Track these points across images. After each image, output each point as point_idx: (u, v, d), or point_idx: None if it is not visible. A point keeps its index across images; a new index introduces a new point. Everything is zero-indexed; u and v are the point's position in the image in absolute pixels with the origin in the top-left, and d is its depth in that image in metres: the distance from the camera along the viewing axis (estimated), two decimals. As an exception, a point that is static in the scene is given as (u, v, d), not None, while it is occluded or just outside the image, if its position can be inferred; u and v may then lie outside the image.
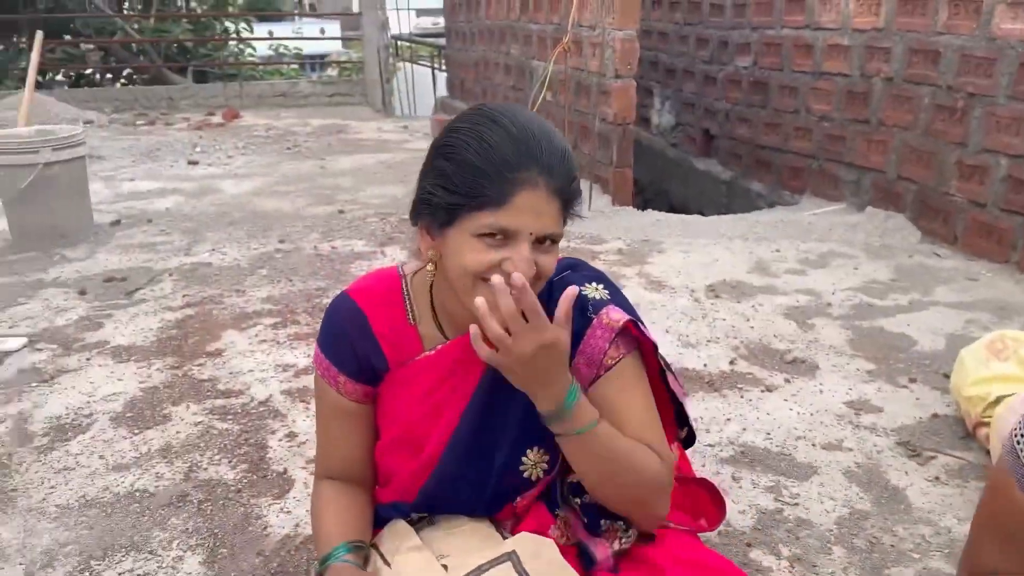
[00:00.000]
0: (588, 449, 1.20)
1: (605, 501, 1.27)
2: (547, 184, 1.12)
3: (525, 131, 1.12)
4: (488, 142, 1.11)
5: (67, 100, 9.17)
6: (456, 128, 1.16)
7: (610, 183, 5.24)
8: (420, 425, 1.31)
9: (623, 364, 1.27)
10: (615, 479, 1.22)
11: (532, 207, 1.11)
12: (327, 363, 1.34)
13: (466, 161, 1.11)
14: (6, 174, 4.39)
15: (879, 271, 3.99)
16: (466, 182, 1.11)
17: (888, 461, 2.38)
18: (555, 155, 1.13)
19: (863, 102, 4.85)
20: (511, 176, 1.10)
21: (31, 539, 2.08)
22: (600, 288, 1.32)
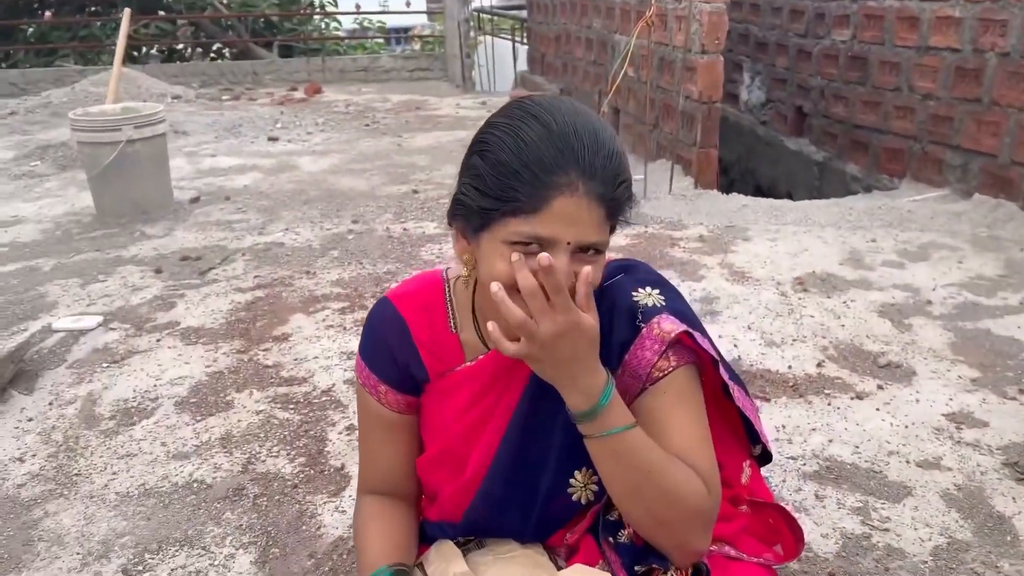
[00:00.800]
0: (617, 456, 1.06)
1: (632, 521, 1.13)
2: (588, 189, 1.00)
3: (566, 128, 1.00)
4: (524, 140, 1.00)
5: (156, 75, 9.40)
6: (494, 123, 1.05)
7: (693, 164, 5.00)
8: (461, 441, 1.22)
9: (672, 377, 1.14)
10: (643, 495, 1.07)
11: (570, 215, 0.99)
12: (367, 372, 1.25)
13: (499, 160, 1.01)
14: (91, 151, 4.47)
15: (986, 266, 3.67)
16: (499, 184, 1.00)
17: (993, 484, 2.15)
18: (599, 155, 1.01)
19: (974, 79, 4.47)
20: (547, 179, 0.99)
21: (90, 527, 2.07)
22: (654, 294, 1.18)
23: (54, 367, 2.91)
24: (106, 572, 1.91)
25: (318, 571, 1.89)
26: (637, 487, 1.07)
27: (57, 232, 4.49)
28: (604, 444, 1.06)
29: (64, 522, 2.10)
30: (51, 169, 5.96)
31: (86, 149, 4.50)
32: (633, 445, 1.06)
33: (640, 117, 5.80)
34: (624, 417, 1.06)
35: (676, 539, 1.10)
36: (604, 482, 1.11)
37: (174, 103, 8.34)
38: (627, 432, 1.05)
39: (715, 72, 4.78)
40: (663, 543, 1.12)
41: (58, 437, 2.48)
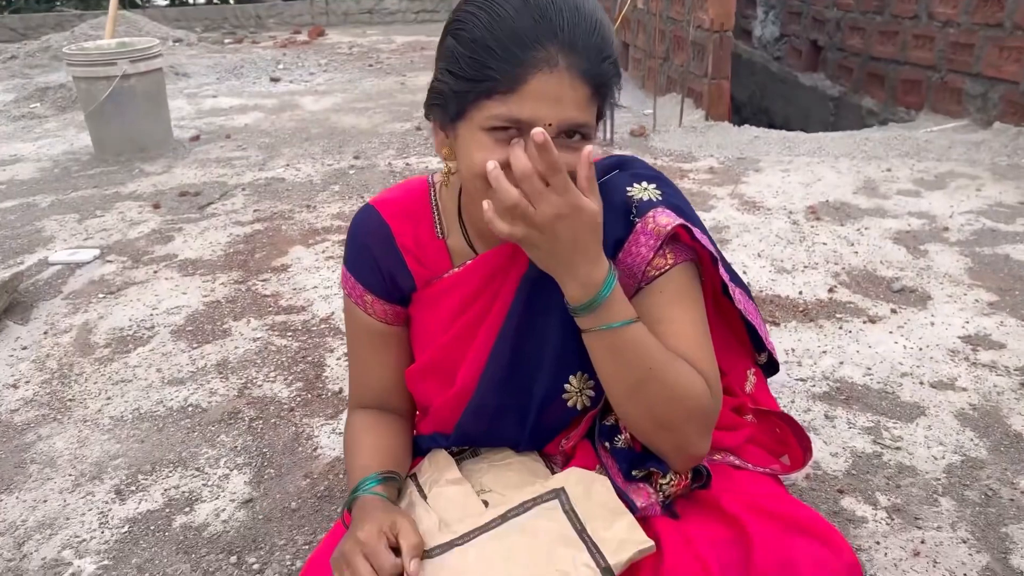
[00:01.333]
0: (616, 352, 0.99)
1: (630, 423, 1.06)
2: (569, 63, 0.91)
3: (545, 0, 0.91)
4: (498, 13, 0.91)
5: (158, 19, 9.24)
6: (468, 1, 0.96)
7: (704, 96, 4.86)
8: (451, 349, 1.14)
9: (670, 275, 1.06)
10: (644, 394, 1.00)
11: (549, 92, 0.90)
12: (353, 281, 1.18)
13: (473, 38, 0.92)
14: (86, 86, 4.38)
15: (1006, 193, 3.56)
16: (472, 63, 0.92)
17: (1010, 404, 2.08)
18: (580, 27, 0.91)
19: (996, 4, 4.29)
20: (522, 55, 0.90)
21: (82, 450, 2.04)
22: (650, 188, 1.09)
23: (50, 298, 2.87)
24: (98, 492, 1.87)
25: (313, 490, 1.85)
26: (637, 385, 1.00)
27: (55, 170, 4.42)
28: (603, 339, 0.98)
29: (57, 445, 2.06)
30: (50, 111, 5.88)
31: (82, 85, 4.41)
32: (634, 341, 0.98)
33: (650, 51, 5.64)
34: (625, 311, 0.98)
35: (676, 441, 1.03)
36: (602, 380, 1.04)
37: (176, 46, 8.20)
38: (628, 327, 0.98)
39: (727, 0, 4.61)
40: (662, 446, 1.05)
41: (52, 364, 2.44)
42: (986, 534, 1.65)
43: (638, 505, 1.08)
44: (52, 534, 1.74)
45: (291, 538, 1.71)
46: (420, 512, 1.11)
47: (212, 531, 1.74)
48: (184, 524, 1.76)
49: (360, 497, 1.11)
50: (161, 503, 1.83)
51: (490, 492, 1.15)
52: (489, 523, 1.05)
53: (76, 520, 1.78)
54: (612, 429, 1.16)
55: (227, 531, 1.73)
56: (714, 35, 4.67)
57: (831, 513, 1.71)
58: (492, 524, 1.05)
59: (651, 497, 1.08)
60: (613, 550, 0.99)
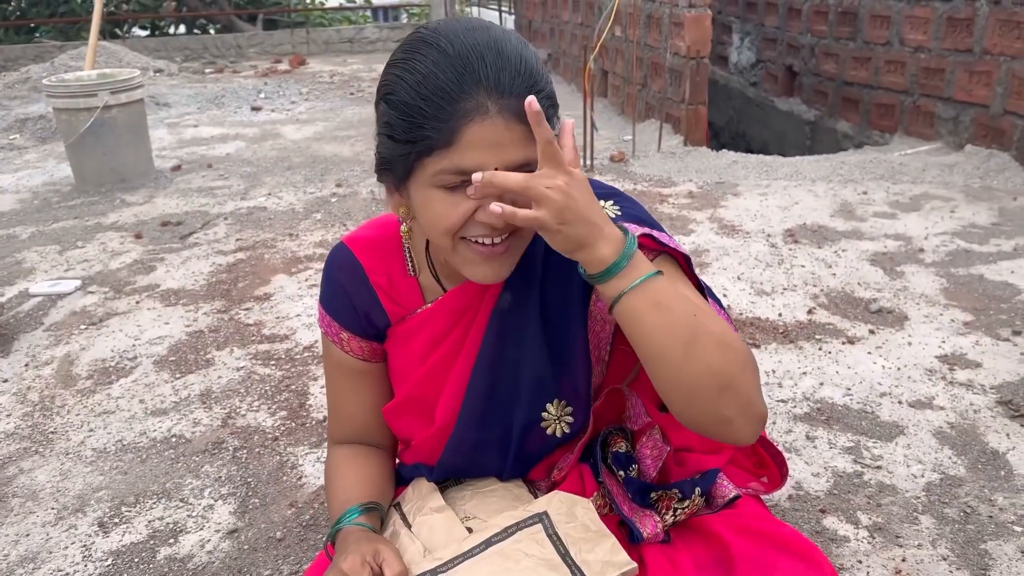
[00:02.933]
0: (661, 305, 0.92)
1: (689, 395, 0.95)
2: (500, 107, 0.90)
3: (463, 48, 0.91)
4: (420, 72, 0.91)
5: (138, 49, 9.25)
6: (392, 62, 0.96)
7: (682, 122, 4.93)
8: (426, 384, 1.15)
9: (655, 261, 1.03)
10: (699, 344, 0.92)
11: (487, 139, 0.90)
12: (329, 319, 1.19)
13: (402, 100, 0.92)
14: (67, 118, 4.38)
15: (979, 215, 3.63)
16: (407, 126, 0.92)
17: (987, 422, 2.12)
18: (506, 69, 0.91)
19: (966, 29, 4.40)
20: (452, 108, 0.89)
21: (65, 483, 2.02)
22: (608, 205, 1.09)
23: (31, 330, 2.85)
24: (81, 525, 1.86)
25: (299, 519, 1.85)
26: (692, 337, 0.92)
27: (35, 202, 4.40)
28: (646, 295, 0.92)
29: (39, 478, 2.04)
30: (30, 142, 5.86)
31: (62, 116, 4.41)
32: (672, 289, 0.94)
33: (628, 77, 5.72)
34: (649, 264, 0.94)
35: (742, 399, 0.94)
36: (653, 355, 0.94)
37: (156, 76, 8.22)
38: (660, 276, 0.93)
39: (703, 26, 4.70)
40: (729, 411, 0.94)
41: (34, 397, 2.43)
42: (966, 551, 1.67)
43: (644, 534, 1.08)
44: (35, 568, 1.73)
45: (277, 568, 1.70)
46: (404, 541, 1.11)
47: (197, 562, 1.73)
48: (169, 556, 1.75)
49: (343, 528, 1.11)
50: (145, 535, 1.82)
51: (474, 519, 1.15)
52: (472, 549, 1.05)
53: (59, 554, 1.77)
54: (627, 458, 1.17)
55: (212, 562, 1.73)
56: (691, 61, 4.75)
57: (813, 532, 1.73)
58: (475, 550, 1.05)
59: (657, 526, 1.09)
60: (596, 572, 1.00)
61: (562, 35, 7.43)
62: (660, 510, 1.13)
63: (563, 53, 7.45)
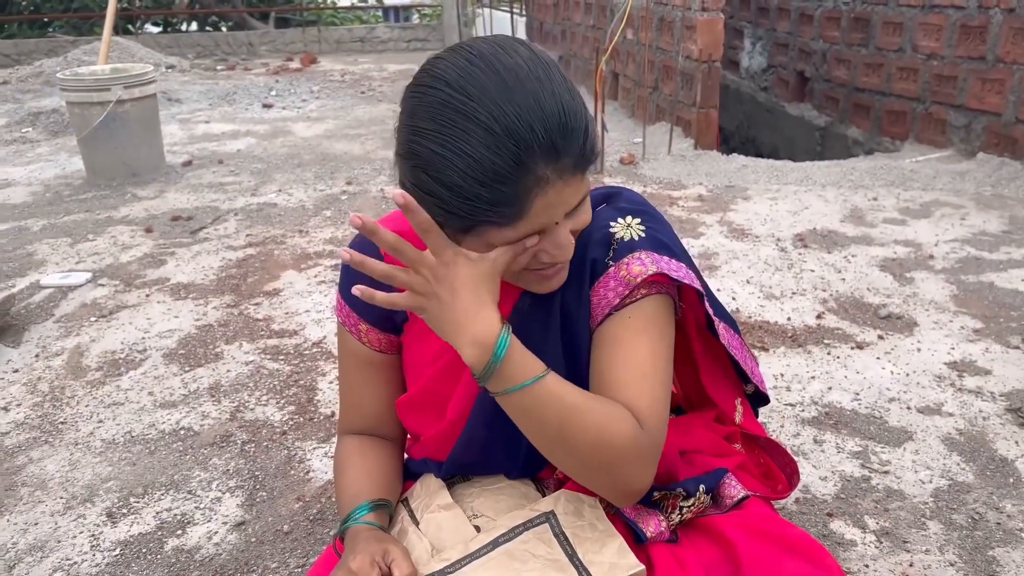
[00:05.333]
0: (526, 411, 0.96)
1: (563, 470, 1.04)
2: (558, 170, 0.89)
3: (509, 119, 0.85)
4: (470, 155, 0.86)
5: (151, 45, 9.29)
6: (420, 131, 0.89)
7: (693, 125, 4.93)
8: (440, 381, 1.15)
9: (642, 303, 1.06)
10: (565, 445, 0.98)
11: (551, 203, 0.90)
12: (348, 309, 1.19)
13: (453, 183, 0.87)
14: (80, 111, 4.40)
15: (990, 222, 3.62)
16: (465, 206, 0.88)
17: (995, 429, 2.11)
18: (554, 130, 0.87)
19: (979, 37, 4.39)
20: (512, 189, 0.87)
21: (74, 473, 2.03)
22: (634, 224, 1.09)
23: (41, 321, 2.87)
24: (90, 515, 1.87)
25: (306, 513, 1.85)
26: (557, 438, 0.98)
27: (47, 194, 4.43)
28: (512, 401, 0.95)
29: (48, 468, 2.06)
30: (42, 135, 5.89)
31: (75, 110, 4.43)
32: (546, 396, 0.95)
33: (639, 80, 5.72)
34: (530, 367, 0.95)
35: (612, 482, 1.01)
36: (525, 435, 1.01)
37: (168, 72, 8.25)
38: (536, 384, 0.95)
39: (715, 30, 4.69)
40: (600, 488, 1.03)
41: (44, 387, 2.44)
42: (973, 557, 1.67)
43: (648, 534, 1.08)
44: (43, 557, 1.74)
45: (283, 561, 1.71)
46: (412, 538, 1.11)
47: (204, 554, 1.73)
48: (176, 547, 1.76)
49: (352, 527, 1.11)
50: (153, 526, 1.83)
51: (482, 517, 1.15)
52: (480, 549, 1.05)
53: (67, 543, 1.78)
54: None
55: (219, 554, 1.73)
56: (702, 65, 4.75)
57: (820, 536, 1.73)
58: (483, 550, 1.05)
59: (661, 524, 1.09)
60: (603, 574, 1.00)
61: (573, 37, 7.44)
62: (666, 509, 1.13)
63: (574, 55, 7.45)
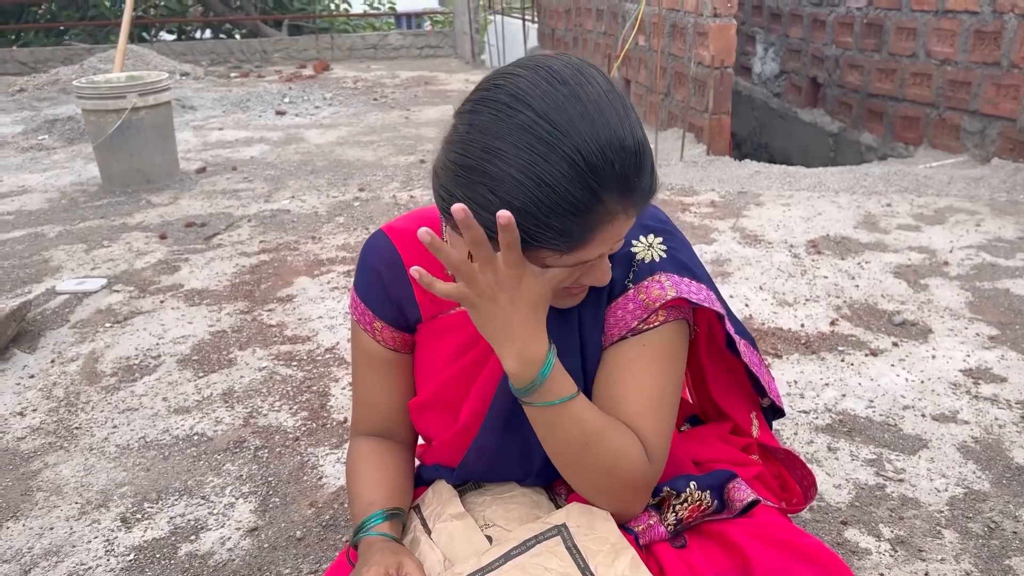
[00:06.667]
0: (552, 425, 1.00)
1: (568, 481, 1.07)
2: (626, 206, 0.90)
3: (591, 152, 0.85)
4: (549, 184, 0.84)
5: (165, 53, 9.36)
6: (495, 150, 0.86)
7: (705, 131, 4.92)
8: (453, 386, 1.15)
9: (660, 330, 1.06)
10: (578, 464, 1.02)
11: (613, 236, 0.92)
12: (363, 307, 1.18)
13: (525, 208, 0.86)
14: (96, 119, 4.44)
15: (1005, 228, 3.59)
16: (530, 231, 0.88)
17: (1012, 437, 2.09)
18: (630, 166, 0.87)
19: (993, 42, 4.36)
20: (583, 220, 0.87)
21: (88, 478, 2.04)
22: (656, 243, 1.09)
23: (57, 327, 2.89)
24: (104, 520, 1.88)
25: (319, 519, 1.86)
26: (574, 457, 1.01)
27: (63, 201, 4.46)
28: (539, 413, 0.99)
29: (63, 473, 2.07)
30: (58, 142, 5.94)
31: (91, 117, 4.47)
32: (571, 416, 0.99)
33: (651, 86, 5.72)
34: (566, 387, 0.98)
35: (611, 504, 1.06)
36: (544, 447, 1.04)
37: (183, 80, 8.31)
38: (566, 404, 0.98)
39: (728, 36, 4.69)
40: (600, 505, 1.07)
41: (59, 393, 2.46)
42: (990, 567, 1.65)
43: (635, 529, 1.09)
44: (58, 561, 1.75)
45: (296, 567, 1.71)
46: (424, 548, 1.11)
47: (217, 560, 1.74)
48: (190, 552, 1.76)
49: (367, 538, 1.11)
50: (167, 531, 1.83)
51: (494, 527, 1.15)
52: (492, 563, 1.04)
53: (82, 548, 1.79)
54: None
55: (232, 559, 1.74)
56: (715, 71, 4.74)
57: (834, 544, 1.72)
58: (495, 564, 1.04)
59: (650, 519, 1.10)
60: None
61: (585, 44, 7.45)
62: (663, 510, 1.13)
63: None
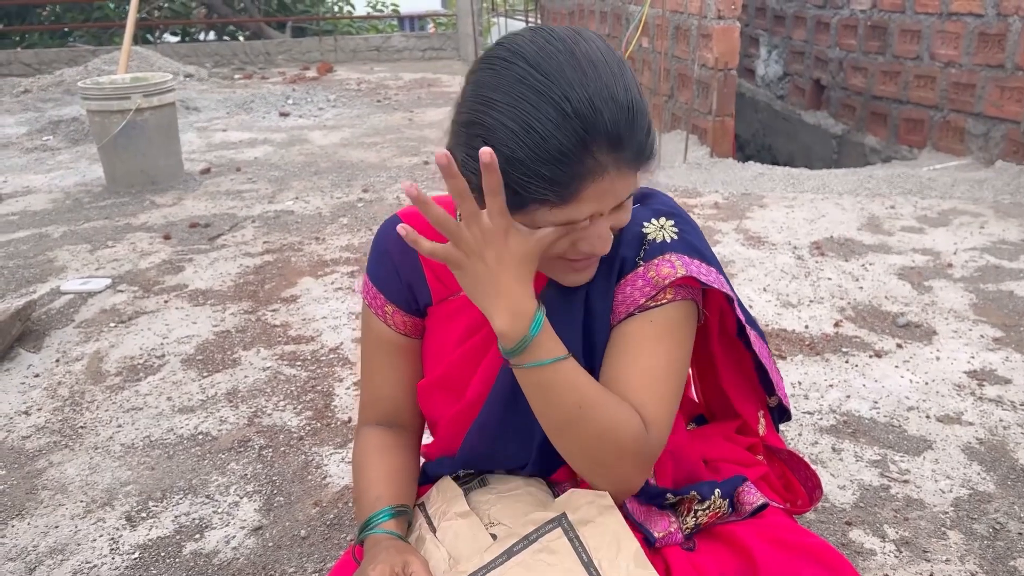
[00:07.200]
0: (544, 389, 0.98)
1: (564, 456, 1.05)
2: (617, 162, 0.90)
3: (581, 102, 0.87)
4: (537, 131, 0.87)
5: (169, 55, 9.38)
6: (490, 102, 0.90)
7: (709, 133, 4.92)
8: (461, 366, 1.15)
9: (666, 308, 1.06)
10: (574, 432, 0.99)
11: (602, 192, 0.91)
12: (374, 291, 1.19)
13: (515, 157, 0.88)
14: (100, 120, 4.45)
15: (1009, 231, 3.59)
16: (519, 181, 0.90)
17: (1016, 438, 2.09)
18: (621, 120, 0.89)
19: (997, 45, 4.36)
20: (571, 170, 0.88)
21: (93, 477, 2.05)
22: (667, 225, 1.09)
23: (62, 327, 2.89)
24: (109, 518, 1.88)
25: (323, 518, 1.86)
26: (567, 423, 0.99)
27: (67, 201, 4.47)
28: (531, 375, 0.97)
29: (68, 472, 2.07)
30: (63, 143, 5.96)
31: (96, 118, 4.48)
32: (564, 379, 0.97)
33: (655, 88, 5.72)
34: (556, 348, 0.97)
35: (610, 477, 1.03)
36: (539, 419, 1.02)
37: (187, 81, 8.32)
38: (558, 363, 0.97)
39: (732, 38, 4.69)
40: (597, 481, 1.05)
41: (64, 392, 2.46)
42: (995, 568, 1.65)
43: (656, 535, 1.08)
44: (63, 560, 1.75)
45: (301, 565, 1.71)
46: (430, 547, 1.11)
47: (222, 558, 1.74)
48: (194, 551, 1.77)
49: (372, 535, 1.11)
50: (171, 530, 1.84)
51: (499, 525, 1.15)
52: (495, 560, 1.05)
53: (87, 546, 1.79)
54: None
55: (237, 558, 1.74)
56: (718, 73, 4.74)
57: (839, 545, 1.72)
58: (497, 561, 1.04)
59: (671, 526, 1.09)
60: None
61: (589, 46, 7.44)
62: (681, 513, 1.12)
63: (589, 64, 7.46)
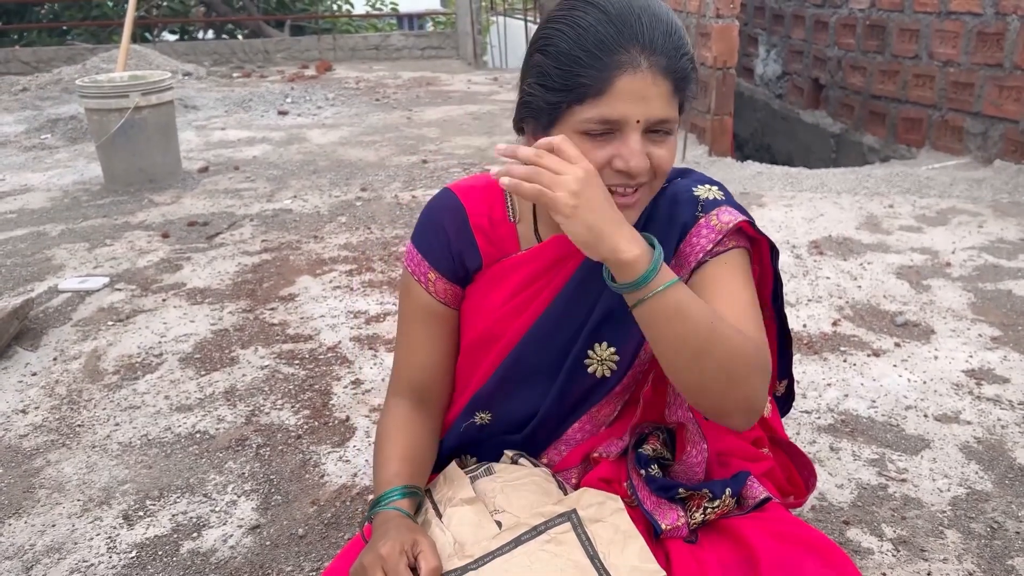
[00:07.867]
0: (681, 312, 0.98)
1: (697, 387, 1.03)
2: (651, 63, 0.99)
3: (623, 8, 1.00)
4: (581, 25, 1.00)
5: (168, 53, 9.37)
6: (552, 18, 1.05)
7: (707, 132, 4.92)
8: (503, 321, 1.20)
9: (732, 252, 1.12)
10: (712, 349, 0.99)
11: (636, 91, 0.99)
12: (419, 258, 1.22)
13: (560, 51, 1.01)
14: (99, 118, 4.44)
15: (1007, 230, 3.59)
16: (562, 74, 1.00)
17: (1015, 437, 2.09)
18: (658, 30, 1.00)
19: (996, 44, 4.36)
20: (608, 60, 0.98)
21: (91, 475, 2.05)
22: (714, 189, 1.17)
23: (59, 325, 2.89)
24: (106, 517, 1.88)
25: (320, 517, 1.86)
26: (706, 344, 0.98)
27: (65, 200, 4.47)
28: (667, 301, 0.97)
29: (65, 470, 2.07)
30: (61, 141, 5.95)
31: (94, 116, 4.47)
32: (693, 298, 1.00)
33: (653, 88, 5.72)
34: (670, 273, 1.00)
35: (745, 394, 1.02)
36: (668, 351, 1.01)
37: (185, 80, 8.32)
38: (681, 285, 0.99)
39: (730, 37, 4.69)
40: (731, 404, 1.03)
41: (61, 391, 2.46)
42: (992, 567, 1.65)
43: (663, 526, 1.10)
44: (60, 559, 1.75)
45: (298, 564, 1.71)
46: (435, 531, 1.13)
47: (219, 557, 1.74)
48: (191, 550, 1.77)
49: (384, 512, 1.12)
50: (169, 528, 1.84)
51: (504, 512, 1.16)
52: (503, 547, 1.06)
53: (84, 545, 1.79)
54: (648, 459, 1.19)
55: (234, 557, 1.74)
56: (717, 72, 4.74)
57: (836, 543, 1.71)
58: (505, 548, 1.06)
59: (679, 519, 1.10)
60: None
61: (587, 45, 7.45)
62: (690, 508, 1.14)
63: (588, 62, 7.46)
